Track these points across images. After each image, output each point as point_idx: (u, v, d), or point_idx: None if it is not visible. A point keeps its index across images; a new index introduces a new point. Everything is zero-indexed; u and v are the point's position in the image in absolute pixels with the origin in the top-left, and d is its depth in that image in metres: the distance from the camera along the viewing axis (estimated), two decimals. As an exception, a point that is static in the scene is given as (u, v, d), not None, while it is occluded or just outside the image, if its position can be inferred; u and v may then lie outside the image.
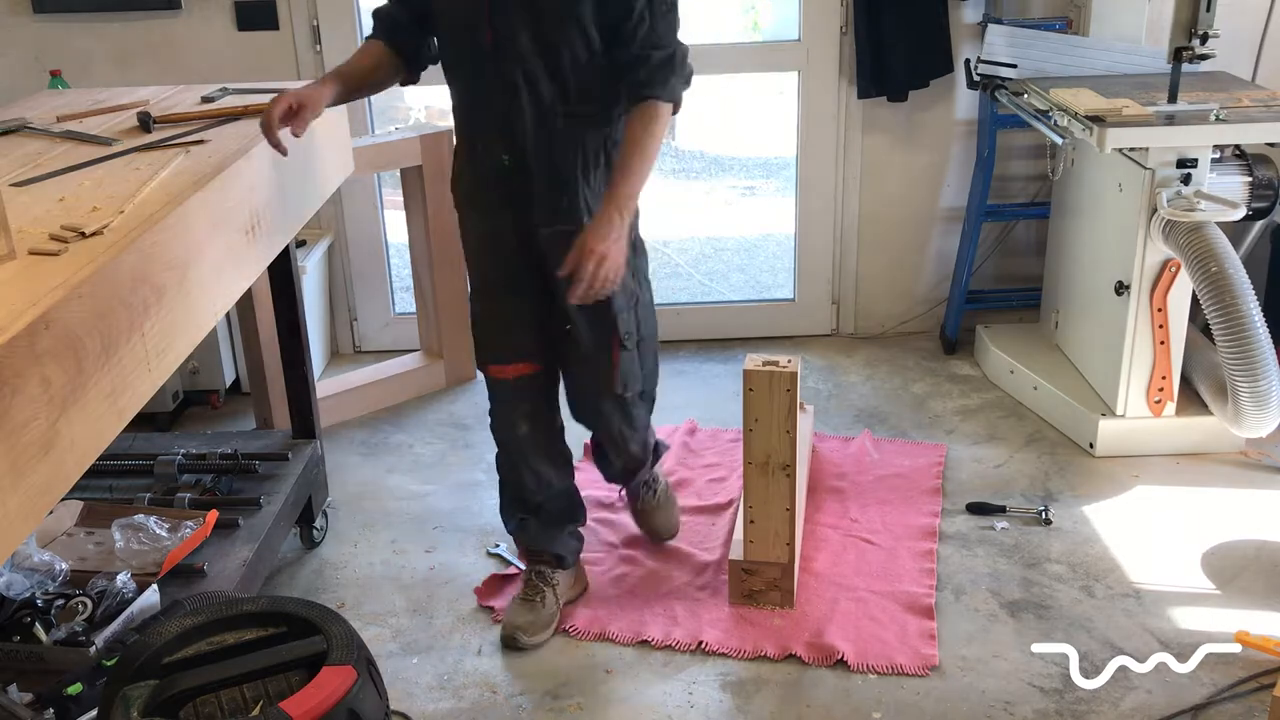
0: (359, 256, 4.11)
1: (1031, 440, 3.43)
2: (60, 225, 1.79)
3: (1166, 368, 3.22)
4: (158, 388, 1.82)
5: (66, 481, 1.55)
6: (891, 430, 3.53)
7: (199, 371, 3.72)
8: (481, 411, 3.72)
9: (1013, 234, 4.10)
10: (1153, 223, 3.08)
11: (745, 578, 2.68)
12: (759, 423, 2.57)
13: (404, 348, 4.07)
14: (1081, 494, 3.14)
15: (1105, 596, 2.70)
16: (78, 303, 1.57)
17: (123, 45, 3.81)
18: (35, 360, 1.46)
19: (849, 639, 2.55)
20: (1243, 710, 2.32)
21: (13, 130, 2.48)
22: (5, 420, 1.39)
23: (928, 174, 4.05)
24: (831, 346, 4.14)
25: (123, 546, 2.46)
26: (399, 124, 5.29)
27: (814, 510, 3.06)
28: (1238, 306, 2.90)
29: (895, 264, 4.16)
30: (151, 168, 2.15)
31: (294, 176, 2.52)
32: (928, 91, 3.88)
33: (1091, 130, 2.97)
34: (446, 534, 3.05)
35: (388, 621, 2.70)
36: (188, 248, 1.94)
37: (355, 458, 3.47)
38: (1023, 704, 2.36)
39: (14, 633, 2.15)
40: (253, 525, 2.61)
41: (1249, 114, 3.08)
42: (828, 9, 3.85)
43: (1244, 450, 3.30)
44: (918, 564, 2.82)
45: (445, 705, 2.42)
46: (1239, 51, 3.68)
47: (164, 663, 1.78)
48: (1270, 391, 2.94)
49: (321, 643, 1.79)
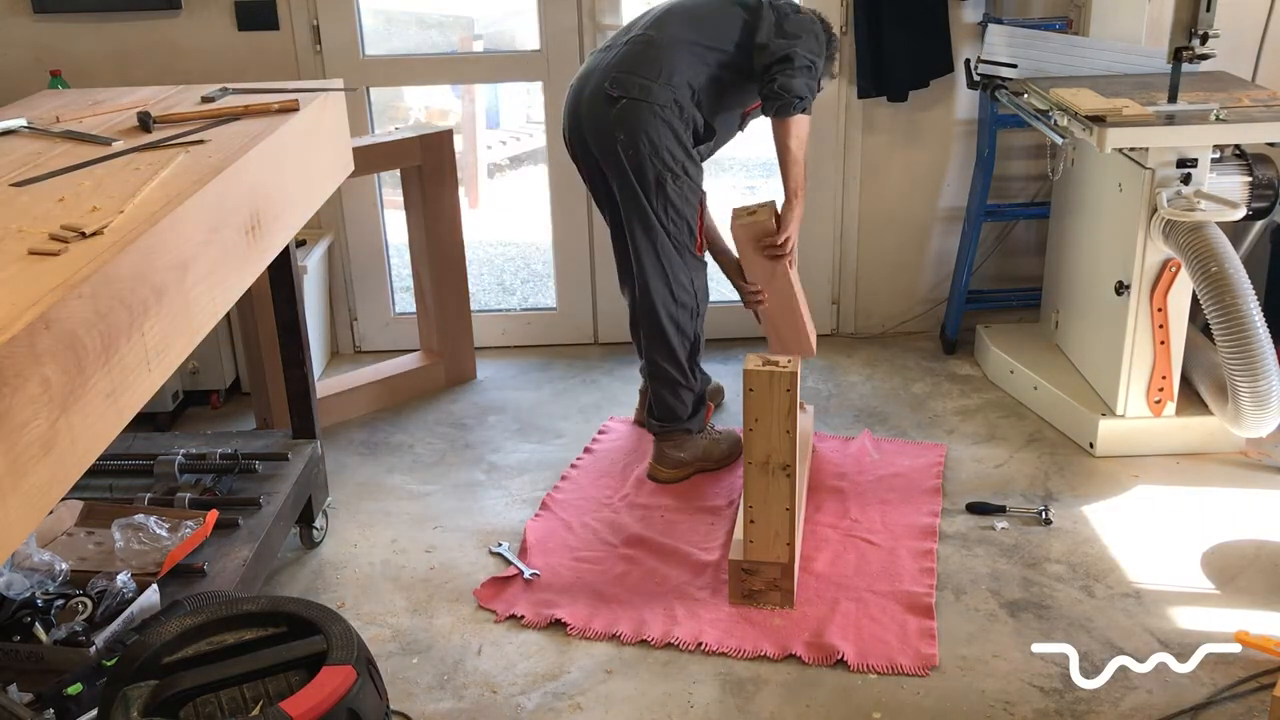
0: (359, 256, 4.11)
1: (1031, 440, 3.43)
2: (60, 225, 1.79)
3: (1166, 368, 3.22)
4: (158, 388, 1.82)
5: (66, 481, 1.55)
6: (891, 430, 3.53)
7: (199, 371, 3.73)
8: (481, 411, 3.73)
9: (1013, 234, 4.10)
10: (1153, 223, 3.08)
11: (745, 578, 2.68)
12: (759, 423, 2.57)
13: (404, 348, 4.07)
14: (1081, 494, 3.14)
15: (1105, 596, 2.70)
16: (78, 303, 1.57)
17: (123, 45, 3.81)
18: (35, 360, 1.46)
19: (849, 639, 2.55)
20: (1243, 710, 2.32)
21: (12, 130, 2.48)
22: (5, 420, 1.39)
23: (928, 174, 4.05)
24: (831, 346, 4.14)
25: (123, 546, 2.46)
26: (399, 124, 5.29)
27: (814, 510, 3.06)
28: (1238, 306, 2.90)
29: (895, 264, 4.16)
30: (151, 168, 2.15)
31: (294, 176, 2.52)
32: (928, 91, 3.88)
33: (1091, 130, 2.97)
34: (446, 534, 3.05)
35: (388, 621, 2.70)
36: (188, 247, 1.93)
37: (355, 458, 3.47)
38: (1023, 704, 2.36)
39: (14, 633, 2.16)
40: (253, 525, 2.61)
41: (1249, 114, 3.08)
42: (828, 9, 3.84)
43: (1244, 450, 3.30)
44: (918, 564, 2.82)
45: (445, 705, 2.42)
46: (1239, 51, 3.68)
47: (164, 663, 1.78)
48: (1270, 391, 2.94)
49: (321, 643, 1.80)
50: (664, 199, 2.99)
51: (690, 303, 3.12)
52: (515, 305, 4.71)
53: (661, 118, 2.94)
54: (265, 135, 2.37)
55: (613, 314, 4.20)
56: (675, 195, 2.99)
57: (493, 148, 6.61)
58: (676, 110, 2.96)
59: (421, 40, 5.87)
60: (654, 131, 2.94)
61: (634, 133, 2.94)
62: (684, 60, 2.98)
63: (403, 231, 3.92)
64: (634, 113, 2.94)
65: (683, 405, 3.19)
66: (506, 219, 6.07)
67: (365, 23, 3.91)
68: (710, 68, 2.99)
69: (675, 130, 2.96)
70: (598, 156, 3.07)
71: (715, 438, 3.29)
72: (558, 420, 3.67)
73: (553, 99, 3.94)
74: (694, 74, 2.98)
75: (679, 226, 3.03)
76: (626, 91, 2.95)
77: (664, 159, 2.96)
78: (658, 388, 3.21)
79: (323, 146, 2.75)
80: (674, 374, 3.14)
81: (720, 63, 3.01)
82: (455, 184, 3.78)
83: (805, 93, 2.96)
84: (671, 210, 3.01)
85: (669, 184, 2.98)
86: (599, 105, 2.99)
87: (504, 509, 3.16)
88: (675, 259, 3.06)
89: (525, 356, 4.16)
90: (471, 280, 3.97)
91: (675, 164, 2.98)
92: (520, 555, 2.92)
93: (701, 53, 2.99)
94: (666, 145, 2.95)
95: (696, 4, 3.09)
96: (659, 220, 3.01)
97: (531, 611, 2.69)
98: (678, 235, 3.04)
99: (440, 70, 4.35)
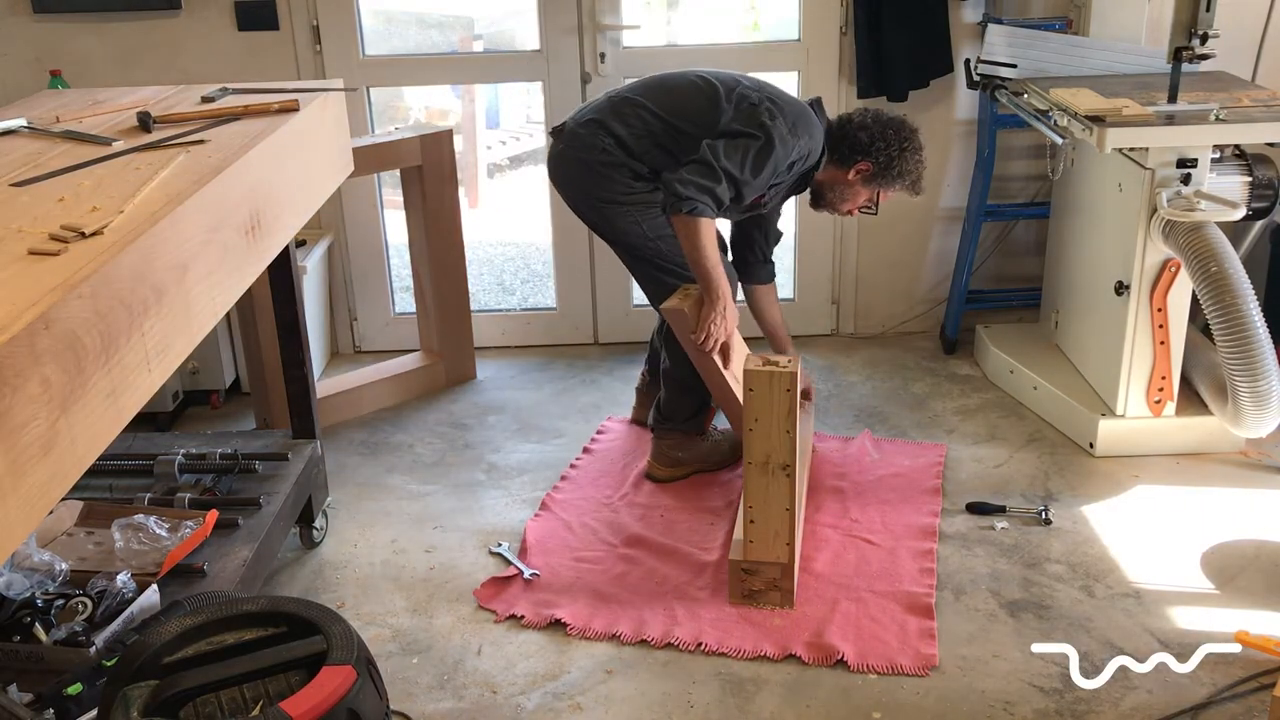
0: (359, 256, 4.11)
1: (1031, 440, 3.43)
2: (60, 225, 1.79)
3: (1166, 368, 3.22)
4: (158, 388, 1.82)
5: (66, 481, 1.55)
6: (891, 430, 3.53)
7: (199, 371, 3.73)
8: (481, 411, 3.73)
9: (1013, 234, 4.10)
10: (1153, 223, 3.08)
11: (745, 578, 2.68)
12: (759, 423, 2.57)
13: (404, 348, 4.07)
14: (1081, 494, 3.14)
15: (1105, 596, 2.70)
16: (78, 303, 1.57)
17: (123, 45, 3.81)
18: (35, 360, 1.46)
19: (849, 639, 2.55)
20: (1243, 710, 2.32)
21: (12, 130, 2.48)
22: (5, 420, 1.39)
23: (928, 174, 4.02)
24: (831, 346, 4.14)
25: (123, 546, 2.46)
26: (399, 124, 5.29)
27: (814, 510, 3.06)
28: (1238, 306, 2.90)
29: (895, 264, 4.16)
30: (151, 168, 2.15)
31: (294, 176, 2.52)
32: (928, 91, 3.88)
33: (1091, 130, 2.97)
34: (446, 534, 3.05)
35: (388, 621, 2.70)
36: (188, 248, 1.93)
37: (355, 458, 3.47)
38: (1023, 704, 2.36)
39: (14, 633, 2.16)
40: (253, 525, 2.61)
41: (1249, 114, 3.07)
42: (828, 9, 3.86)
43: (1244, 450, 3.30)
44: (918, 564, 2.82)
45: (445, 705, 2.42)
46: (1239, 51, 3.68)
47: (164, 663, 1.78)
48: (1270, 391, 2.94)
49: (321, 643, 1.79)
50: (621, 230, 3.05)
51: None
52: (515, 305, 4.71)
53: (584, 162, 3.03)
54: (265, 135, 2.37)
55: (612, 314, 4.20)
56: (630, 223, 3.03)
57: (493, 148, 6.61)
58: (601, 154, 2.99)
59: (421, 40, 5.87)
60: (582, 175, 3.05)
61: (568, 179, 3.11)
62: (624, 116, 3.01)
63: (403, 231, 3.92)
64: (566, 159, 3.08)
65: (687, 406, 3.20)
66: (506, 219, 6.07)
67: (365, 23, 3.91)
68: (653, 135, 2.99)
69: (600, 172, 3.00)
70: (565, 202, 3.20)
71: (716, 440, 3.29)
72: (557, 420, 3.67)
73: (553, 99, 3.94)
74: (627, 130, 2.99)
75: (657, 246, 3.04)
76: (565, 140, 3.08)
77: (599, 197, 3.03)
78: (667, 385, 3.22)
79: (323, 146, 2.75)
80: (684, 374, 3.13)
81: (670, 135, 2.97)
82: (455, 184, 3.78)
83: (688, 193, 2.76)
84: (638, 236, 3.05)
85: (618, 215, 3.03)
86: (551, 155, 3.18)
87: (504, 509, 3.16)
88: (672, 273, 3.06)
89: (525, 356, 4.16)
90: (471, 280, 3.97)
91: (610, 200, 3.02)
92: (520, 555, 2.92)
93: (646, 118, 2.99)
94: (596, 189, 3.03)
95: (668, 77, 3.11)
96: (636, 247, 3.08)
97: (531, 611, 2.69)
98: (663, 255, 3.05)
99: (440, 70, 4.35)
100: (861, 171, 3.05)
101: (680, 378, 3.15)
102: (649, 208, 3.01)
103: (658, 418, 3.25)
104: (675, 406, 3.21)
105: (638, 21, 3.95)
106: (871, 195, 3.14)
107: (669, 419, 3.22)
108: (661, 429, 3.24)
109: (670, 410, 3.22)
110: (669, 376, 3.20)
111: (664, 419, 3.23)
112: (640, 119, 3.00)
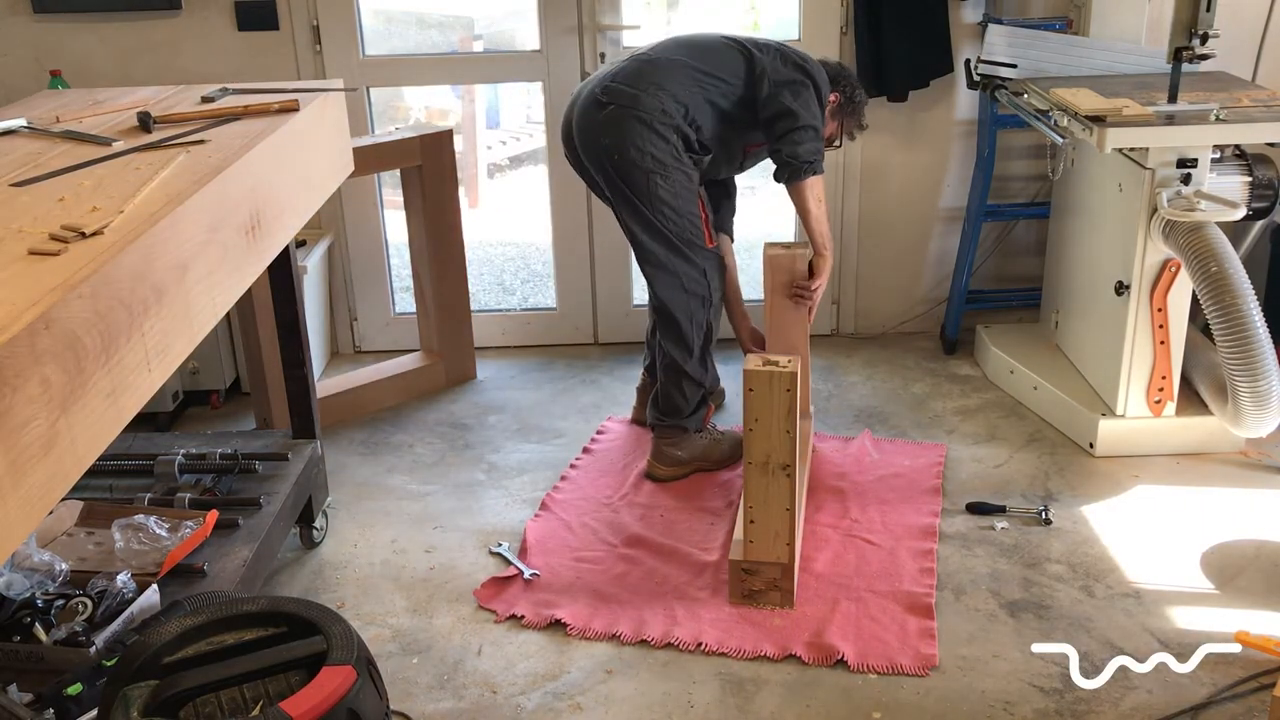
0: (359, 256, 4.11)
1: (1031, 440, 3.43)
2: (60, 225, 1.79)
3: (1166, 368, 3.22)
4: (158, 388, 1.82)
5: (66, 481, 1.55)
6: (891, 430, 3.53)
7: (199, 371, 3.73)
8: (481, 411, 3.73)
9: (1013, 234, 4.10)
10: (1153, 223, 3.08)
11: (745, 578, 2.68)
12: (759, 423, 2.57)
13: (404, 348, 4.07)
14: (1081, 494, 3.14)
15: (1105, 596, 2.70)
16: (78, 303, 1.57)
17: (123, 45, 3.81)
18: (35, 360, 1.46)
19: (849, 639, 2.55)
20: (1243, 710, 2.32)
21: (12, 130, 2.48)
22: (5, 420, 1.39)
23: (928, 174, 4.05)
24: (831, 346, 4.14)
25: (123, 546, 2.46)
26: (399, 124, 5.29)
27: (814, 510, 3.06)
28: (1238, 306, 2.90)
29: (895, 264, 4.16)
30: (151, 168, 2.15)
31: (294, 176, 2.52)
32: (928, 91, 3.88)
33: (1091, 130, 2.97)
34: (446, 534, 3.05)
35: (388, 621, 2.70)
36: (188, 248, 1.93)
37: (355, 458, 3.47)
38: (1023, 704, 2.36)
39: (14, 633, 2.16)
40: (253, 525, 2.61)
41: (1249, 114, 3.08)
42: (828, 9, 3.85)
43: (1244, 450, 3.30)
44: (918, 564, 2.82)
45: (445, 705, 2.42)
46: (1239, 51, 3.68)
47: (164, 663, 1.78)
48: (1270, 391, 2.94)
49: (321, 643, 1.79)
50: (655, 198, 3.01)
51: (701, 291, 3.12)
52: (515, 305, 4.71)
53: (645, 122, 2.98)
54: (265, 135, 2.37)
55: (612, 314, 4.20)
56: (666, 193, 3.01)
57: (493, 148, 6.61)
58: (664, 117, 2.99)
59: (421, 40, 5.87)
60: (637, 135, 2.98)
61: (618, 136, 3.00)
62: (677, 78, 3.03)
63: (403, 231, 3.92)
64: (618, 118, 3.00)
65: (685, 401, 3.20)
66: (506, 219, 6.07)
67: (365, 23, 3.91)
68: (705, 91, 3.05)
69: (661, 134, 2.99)
70: (587, 163, 3.13)
71: (716, 438, 3.29)
72: (557, 420, 3.67)
73: (552, 99, 3.94)
74: (686, 93, 3.03)
75: (679, 224, 3.04)
76: (614, 99, 3.02)
77: (649, 160, 2.99)
78: (665, 379, 3.22)
79: (323, 146, 2.75)
80: (682, 363, 3.14)
81: (720, 91, 3.07)
82: (455, 184, 3.78)
83: (813, 156, 3.04)
84: (666, 208, 3.02)
85: (658, 183, 3.00)
86: (589, 111, 3.07)
87: (504, 509, 3.16)
88: (682, 253, 3.07)
89: (525, 356, 4.16)
90: (471, 280, 3.97)
91: (660, 164, 3.00)
92: (520, 555, 2.92)
93: (697, 76, 3.05)
94: (651, 148, 2.98)
95: (696, 36, 3.18)
96: (657, 220, 3.02)
97: (531, 611, 2.69)
98: (679, 232, 3.05)
99: (440, 70, 4.35)
100: (830, 104, 3.19)
101: (676, 366, 3.17)
102: (687, 182, 3.05)
103: (656, 415, 3.26)
104: (672, 400, 3.21)
105: (638, 21, 3.95)
106: (834, 130, 3.28)
107: (667, 414, 3.23)
108: (661, 426, 3.24)
109: (667, 405, 3.22)
110: (666, 367, 3.20)
111: (662, 415, 3.24)
112: (692, 79, 3.04)
